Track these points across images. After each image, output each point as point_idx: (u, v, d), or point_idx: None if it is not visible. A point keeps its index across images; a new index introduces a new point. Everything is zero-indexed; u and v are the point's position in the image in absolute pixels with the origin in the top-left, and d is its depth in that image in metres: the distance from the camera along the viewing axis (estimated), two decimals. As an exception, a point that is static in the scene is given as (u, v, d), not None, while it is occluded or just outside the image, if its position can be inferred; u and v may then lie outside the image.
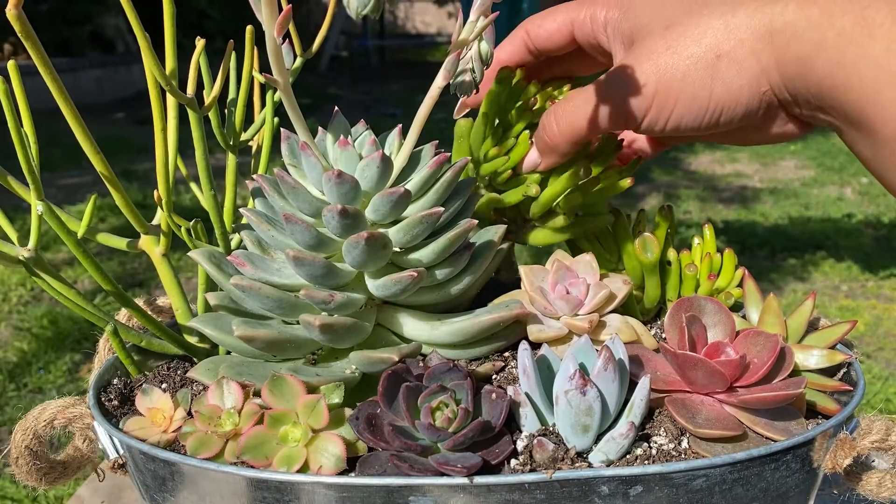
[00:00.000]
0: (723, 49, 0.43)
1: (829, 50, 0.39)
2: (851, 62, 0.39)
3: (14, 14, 0.38)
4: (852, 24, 0.39)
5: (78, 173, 3.95)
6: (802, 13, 0.41)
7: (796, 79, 0.42)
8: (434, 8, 13.01)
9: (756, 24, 0.42)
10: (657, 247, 0.52)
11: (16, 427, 0.48)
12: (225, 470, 0.40)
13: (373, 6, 0.38)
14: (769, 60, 0.42)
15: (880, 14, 0.38)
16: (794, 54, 0.41)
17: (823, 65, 0.40)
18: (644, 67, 0.45)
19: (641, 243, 0.52)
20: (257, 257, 0.47)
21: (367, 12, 0.38)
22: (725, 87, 0.44)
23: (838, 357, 0.46)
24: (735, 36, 0.43)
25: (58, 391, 1.94)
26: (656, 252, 0.52)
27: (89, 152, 0.46)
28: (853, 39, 0.39)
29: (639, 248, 0.52)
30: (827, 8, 0.40)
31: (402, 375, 0.42)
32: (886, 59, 0.38)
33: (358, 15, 0.38)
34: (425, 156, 0.48)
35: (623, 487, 0.38)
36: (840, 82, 0.39)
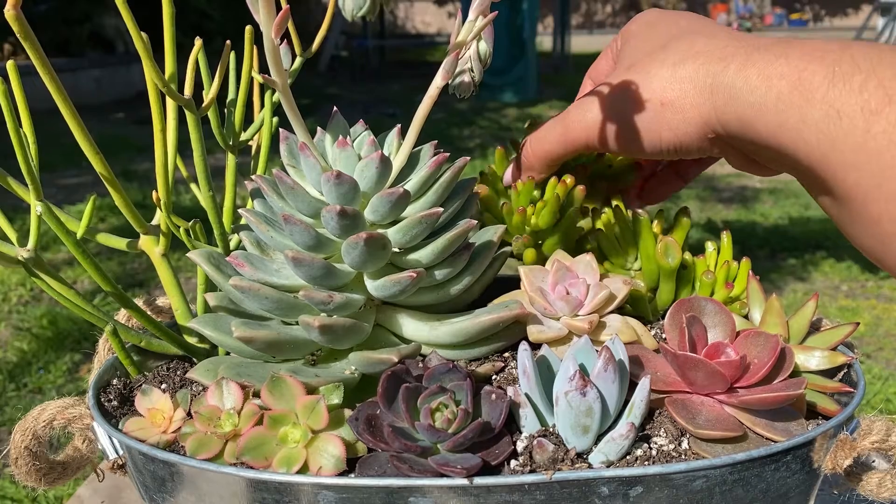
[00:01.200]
0: (667, 97, 0.46)
1: (769, 113, 0.40)
2: (794, 126, 0.39)
3: (13, 14, 0.38)
4: (790, 89, 0.39)
5: (77, 173, 3.96)
6: (741, 75, 0.42)
7: (739, 135, 0.43)
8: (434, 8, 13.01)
9: (700, 78, 0.44)
10: (679, 252, 0.52)
11: (15, 427, 0.48)
12: (224, 471, 0.40)
13: (368, 8, 0.38)
14: (710, 114, 0.44)
15: (816, 77, 0.39)
16: (734, 114, 0.42)
17: (766, 126, 0.41)
18: (606, 101, 0.49)
19: (664, 248, 0.52)
20: (256, 258, 0.47)
21: (363, 14, 0.38)
22: (672, 132, 0.46)
23: (839, 358, 0.46)
24: (679, 86, 0.45)
25: (57, 391, 1.94)
26: (678, 258, 0.52)
27: (88, 153, 0.46)
28: (792, 104, 0.39)
29: (661, 252, 0.52)
30: (765, 71, 0.41)
31: (402, 376, 0.42)
32: (826, 124, 0.38)
33: (353, 17, 0.38)
34: (424, 156, 0.48)
35: (623, 488, 0.38)
36: (786, 143, 0.40)
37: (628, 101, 0.47)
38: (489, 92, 6.66)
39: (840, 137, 0.37)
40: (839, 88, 0.38)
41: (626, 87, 0.48)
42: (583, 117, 0.50)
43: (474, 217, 0.49)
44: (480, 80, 0.49)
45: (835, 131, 0.37)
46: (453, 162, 0.48)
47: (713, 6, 12.53)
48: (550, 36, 9.75)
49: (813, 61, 0.39)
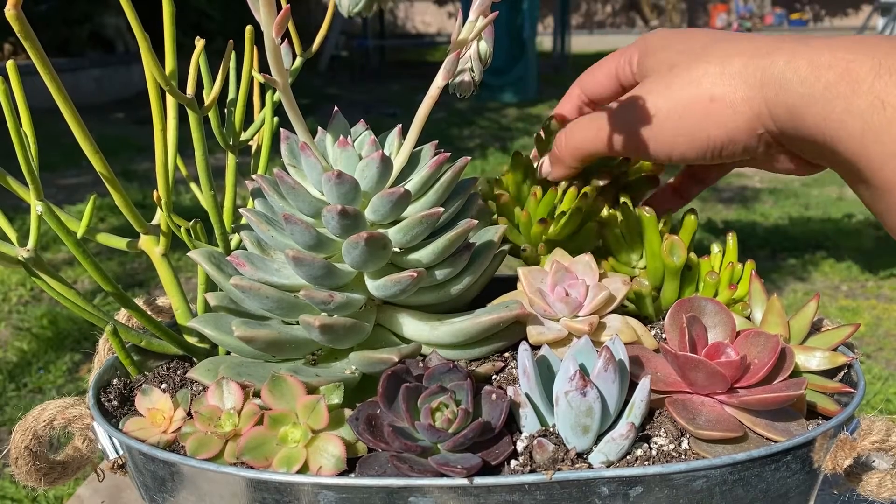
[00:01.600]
0: (716, 93, 0.46)
1: (816, 104, 0.41)
2: (839, 117, 0.40)
3: (13, 14, 0.38)
4: (837, 79, 0.40)
5: (77, 173, 3.96)
6: (790, 66, 0.42)
7: (789, 127, 0.44)
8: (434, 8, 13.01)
9: (749, 73, 0.45)
10: (684, 251, 0.52)
11: (15, 427, 0.48)
12: (224, 471, 0.40)
13: (364, 5, 0.38)
14: (761, 107, 0.44)
15: (864, 68, 0.39)
16: (784, 105, 0.43)
17: (813, 117, 0.41)
18: (647, 103, 0.48)
19: (669, 246, 0.52)
20: (257, 258, 0.47)
21: (359, 11, 0.38)
22: (721, 128, 0.46)
23: (840, 359, 0.46)
24: (729, 82, 0.45)
25: (57, 391, 1.94)
26: (683, 257, 0.52)
27: (89, 152, 0.46)
28: (839, 94, 0.40)
29: (666, 251, 0.52)
30: (814, 61, 0.41)
31: (402, 376, 0.42)
32: (871, 114, 0.39)
33: (350, 14, 0.38)
34: (425, 156, 0.48)
35: (623, 488, 0.38)
36: (830, 135, 0.41)
37: (676, 99, 0.47)
38: (489, 92, 6.66)
39: (884, 127, 0.38)
40: (885, 80, 0.38)
41: (671, 86, 0.48)
42: (624, 118, 0.50)
43: (476, 217, 0.49)
44: (481, 80, 0.48)
45: (879, 121, 0.38)
46: (454, 162, 0.48)
47: (713, 6, 12.53)
48: (550, 36, 9.75)
49: (860, 53, 0.40)
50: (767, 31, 11.68)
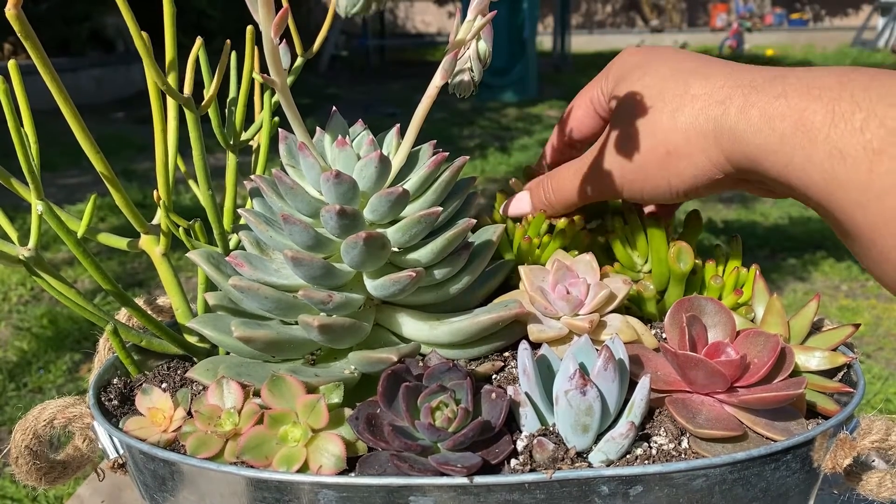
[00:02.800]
0: (671, 146, 0.46)
1: (774, 153, 0.41)
2: (800, 166, 0.40)
3: (13, 14, 0.38)
4: (792, 130, 0.39)
5: (78, 173, 3.96)
6: (743, 117, 0.42)
7: (752, 172, 0.44)
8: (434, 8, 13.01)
9: (701, 124, 0.44)
10: (692, 258, 0.52)
11: (16, 427, 0.48)
12: (225, 470, 0.40)
13: (362, 5, 0.38)
14: (719, 157, 0.44)
15: (817, 117, 0.39)
16: (742, 154, 0.43)
17: (773, 165, 0.41)
18: (609, 157, 0.49)
19: (677, 252, 0.52)
20: (256, 258, 0.47)
21: (357, 11, 0.38)
22: (680, 178, 0.47)
23: (840, 359, 0.46)
24: (681, 134, 0.45)
25: (58, 391, 1.94)
26: (690, 264, 0.52)
27: (89, 152, 0.46)
28: (796, 145, 0.39)
29: (673, 256, 0.52)
30: (766, 111, 0.41)
31: (402, 375, 0.42)
32: (831, 164, 0.38)
33: (347, 14, 0.38)
34: (423, 155, 0.48)
35: (623, 487, 0.38)
36: (793, 181, 0.40)
37: (635, 152, 0.48)
38: (489, 92, 6.66)
39: (845, 177, 0.37)
40: (840, 129, 0.38)
41: (630, 138, 0.48)
42: (597, 170, 0.50)
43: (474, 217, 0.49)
44: (480, 80, 0.49)
45: (840, 171, 0.38)
46: (452, 161, 0.48)
47: (713, 6, 12.53)
48: (550, 36, 9.75)
49: (812, 101, 0.39)
50: (767, 31, 11.68)
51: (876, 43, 9.52)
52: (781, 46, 10.50)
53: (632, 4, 13.60)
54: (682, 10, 13.27)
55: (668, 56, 0.50)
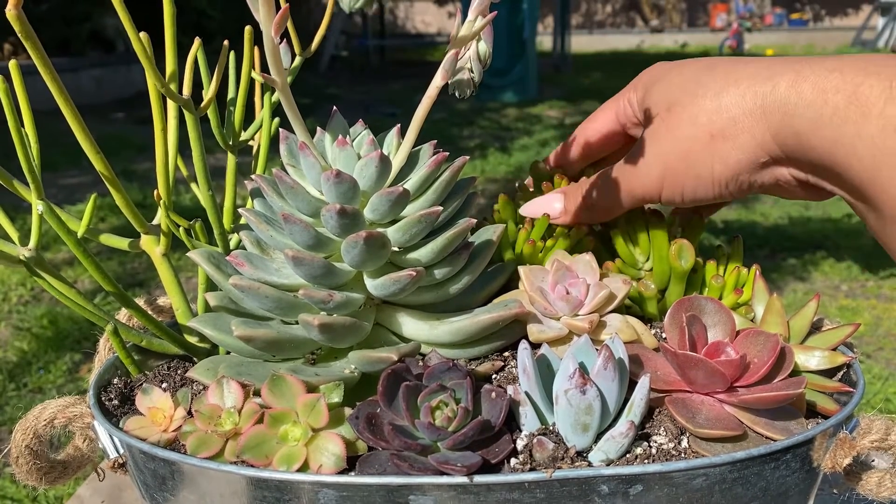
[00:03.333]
0: (715, 128, 0.45)
1: (824, 128, 0.40)
2: (849, 142, 0.39)
3: (14, 14, 0.38)
4: (846, 103, 0.39)
5: (78, 173, 3.96)
6: (794, 90, 0.41)
7: (796, 152, 0.42)
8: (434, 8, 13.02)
9: (747, 103, 0.44)
10: (692, 255, 0.52)
11: (16, 426, 0.48)
12: (225, 469, 0.40)
13: (364, 1, 0.38)
14: (764, 136, 0.43)
15: (874, 92, 0.38)
16: (790, 130, 0.42)
17: (821, 142, 0.40)
18: (651, 150, 0.48)
19: (678, 250, 0.52)
20: (256, 257, 0.47)
21: (360, 7, 0.38)
22: (724, 164, 0.45)
23: (839, 358, 0.46)
24: (725, 115, 0.44)
25: (58, 391, 1.94)
26: (691, 261, 0.52)
27: (89, 152, 0.46)
28: (848, 118, 0.39)
29: (674, 254, 0.52)
30: (819, 85, 0.40)
31: (402, 374, 0.42)
32: (882, 139, 0.37)
33: (350, 9, 0.39)
34: (424, 155, 0.48)
35: (623, 486, 0.38)
36: (839, 160, 0.40)
37: (677, 141, 0.46)
38: (489, 92, 6.66)
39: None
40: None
41: (671, 128, 0.47)
42: (636, 170, 0.49)
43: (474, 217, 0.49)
44: (480, 80, 0.49)
45: (892, 146, 0.37)
46: (452, 161, 0.48)
47: (713, 6, 12.53)
48: (550, 36, 9.75)
49: (869, 76, 0.39)
50: (767, 32, 11.68)
51: (876, 43, 9.52)
52: (781, 46, 10.50)
53: (632, 4, 13.60)
54: (682, 10, 13.28)
55: (697, 61, 0.50)
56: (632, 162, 0.50)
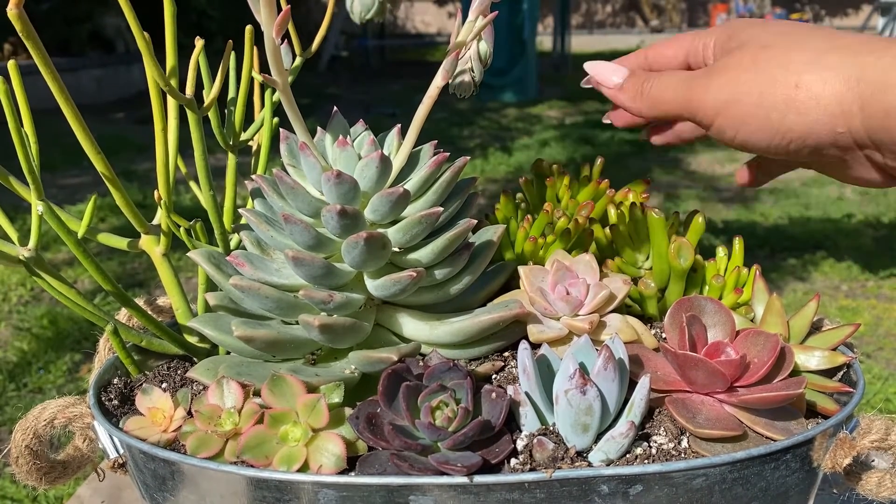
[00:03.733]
0: (804, 80, 0.43)
1: None
2: None
3: (15, 13, 0.38)
4: None
5: (78, 173, 3.96)
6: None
7: (880, 130, 0.41)
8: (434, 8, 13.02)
9: (846, 68, 0.42)
10: (692, 254, 0.52)
11: (16, 426, 0.48)
12: (225, 469, 0.40)
13: (376, 10, 0.38)
14: (852, 106, 0.42)
15: None
16: (881, 105, 0.41)
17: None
18: (728, 73, 0.46)
19: (677, 248, 0.52)
20: (256, 257, 0.47)
21: (371, 16, 0.39)
22: (799, 117, 0.44)
23: (839, 358, 0.46)
24: (821, 72, 0.43)
25: (58, 391, 1.94)
26: (690, 260, 0.52)
27: (90, 152, 0.46)
28: None
29: (674, 252, 0.52)
30: None
31: (402, 375, 0.42)
32: None
33: (362, 19, 0.39)
34: (424, 156, 0.48)
35: (623, 486, 0.38)
36: None
37: (760, 76, 0.45)
38: (489, 92, 6.66)
39: None
40: None
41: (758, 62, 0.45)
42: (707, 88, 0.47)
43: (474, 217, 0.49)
44: (481, 80, 0.49)
45: None
46: (453, 162, 0.48)
47: (713, 6, 12.53)
48: (550, 36, 9.75)
49: None
50: (767, 31, 11.65)
51: (876, 43, 9.50)
52: (781, 46, 10.48)
53: (632, 4, 13.60)
54: (682, 10, 13.28)
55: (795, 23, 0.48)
56: (705, 75, 0.47)
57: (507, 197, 0.58)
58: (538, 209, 0.58)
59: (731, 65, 0.46)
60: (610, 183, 0.59)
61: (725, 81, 0.46)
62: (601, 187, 0.58)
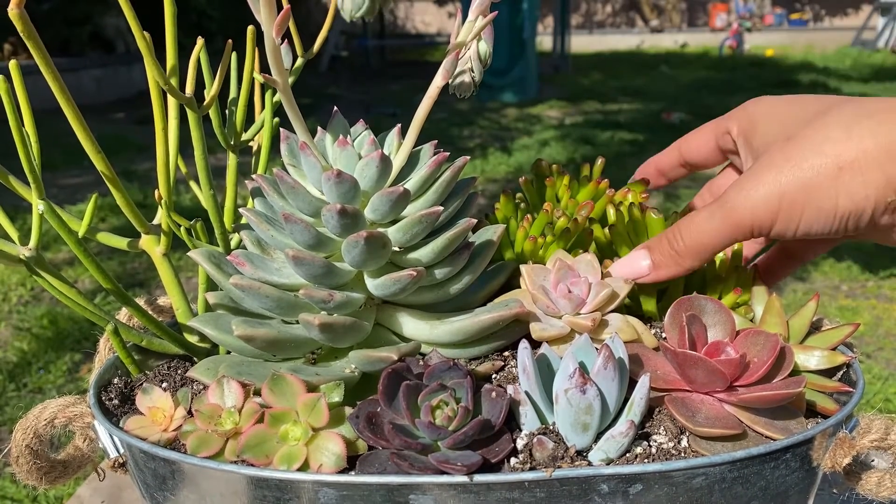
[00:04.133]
0: (845, 160, 0.43)
1: None
2: None
3: (16, 13, 0.39)
4: None
5: (79, 173, 3.96)
6: None
7: None
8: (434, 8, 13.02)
9: (882, 134, 0.42)
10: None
11: (16, 426, 0.48)
12: (225, 468, 0.40)
13: (367, 9, 0.39)
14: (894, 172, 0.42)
15: None
16: None
17: None
18: (767, 179, 0.45)
19: None
20: (257, 257, 0.48)
21: (362, 14, 0.39)
22: (850, 198, 0.43)
23: (839, 358, 0.46)
24: (857, 146, 0.42)
25: (58, 391, 1.94)
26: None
27: (90, 152, 0.46)
28: None
29: None
30: None
31: (402, 374, 0.42)
32: None
33: (352, 17, 0.39)
34: (424, 155, 0.48)
35: (623, 486, 0.39)
36: None
37: (798, 171, 0.44)
38: (489, 92, 6.66)
39: None
40: None
41: (791, 157, 0.44)
42: (748, 198, 0.46)
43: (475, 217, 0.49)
44: (480, 80, 0.49)
45: None
46: (453, 161, 0.48)
47: (713, 6, 12.53)
48: (550, 36, 9.75)
49: None
50: (767, 32, 11.68)
51: (876, 43, 9.52)
52: (781, 46, 10.50)
53: (632, 4, 13.60)
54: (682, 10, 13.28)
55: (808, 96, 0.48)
56: (740, 192, 0.46)
57: (507, 197, 0.59)
58: (538, 209, 0.58)
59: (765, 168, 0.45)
60: (609, 183, 0.59)
61: (767, 190, 0.45)
62: (601, 187, 0.58)
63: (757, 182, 0.45)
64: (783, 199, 0.45)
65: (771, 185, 0.45)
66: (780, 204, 0.45)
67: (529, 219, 0.55)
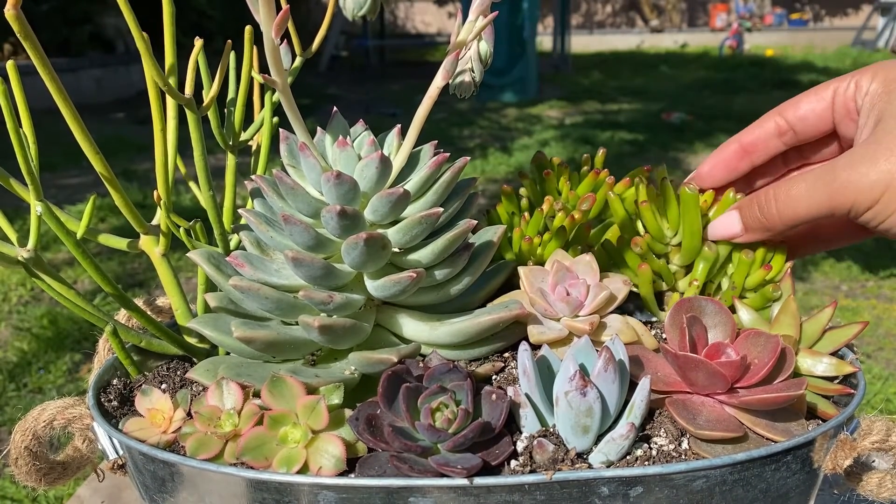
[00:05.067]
0: None
1: None
2: None
3: (13, 14, 0.38)
4: None
5: (78, 174, 3.96)
6: None
7: None
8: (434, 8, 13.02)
9: None
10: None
11: (15, 427, 0.48)
12: (224, 471, 0.40)
13: (369, 7, 0.38)
14: None
15: None
16: None
17: None
18: (882, 165, 0.43)
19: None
20: (256, 258, 0.47)
21: (364, 13, 0.38)
22: None
23: (846, 368, 0.46)
24: None
25: (58, 391, 1.94)
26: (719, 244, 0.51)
27: (89, 152, 0.46)
28: None
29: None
30: None
31: (402, 376, 0.42)
32: None
33: (354, 16, 0.39)
34: (424, 156, 0.48)
35: (623, 488, 0.38)
36: None
37: None
38: (489, 92, 6.66)
39: None
40: None
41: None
42: (860, 180, 0.44)
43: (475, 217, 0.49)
44: (481, 80, 0.48)
45: None
46: (453, 162, 0.48)
47: (713, 6, 12.53)
48: (550, 36, 9.75)
49: None
50: (767, 32, 11.68)
51: (876, 43, 9.52)
52: (781, 46, 10.50)
53: (632, 4, 13.60)
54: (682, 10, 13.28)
55: None
56: (853, 172, 0.44)
57: (507, 196, 0.58)
58: (539, 205, 0.58)
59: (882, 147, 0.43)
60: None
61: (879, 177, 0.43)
62: (601, 177, 0.57)
63: (872, 164, 0.43)
64: (888, 190, 0.43)
65: (883, 173, 0.43)
66: (883, 194, 0.43)
67: (526, 217, 0.55)
